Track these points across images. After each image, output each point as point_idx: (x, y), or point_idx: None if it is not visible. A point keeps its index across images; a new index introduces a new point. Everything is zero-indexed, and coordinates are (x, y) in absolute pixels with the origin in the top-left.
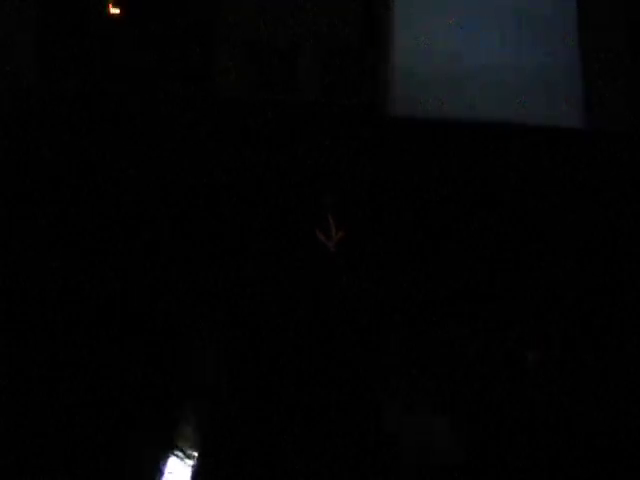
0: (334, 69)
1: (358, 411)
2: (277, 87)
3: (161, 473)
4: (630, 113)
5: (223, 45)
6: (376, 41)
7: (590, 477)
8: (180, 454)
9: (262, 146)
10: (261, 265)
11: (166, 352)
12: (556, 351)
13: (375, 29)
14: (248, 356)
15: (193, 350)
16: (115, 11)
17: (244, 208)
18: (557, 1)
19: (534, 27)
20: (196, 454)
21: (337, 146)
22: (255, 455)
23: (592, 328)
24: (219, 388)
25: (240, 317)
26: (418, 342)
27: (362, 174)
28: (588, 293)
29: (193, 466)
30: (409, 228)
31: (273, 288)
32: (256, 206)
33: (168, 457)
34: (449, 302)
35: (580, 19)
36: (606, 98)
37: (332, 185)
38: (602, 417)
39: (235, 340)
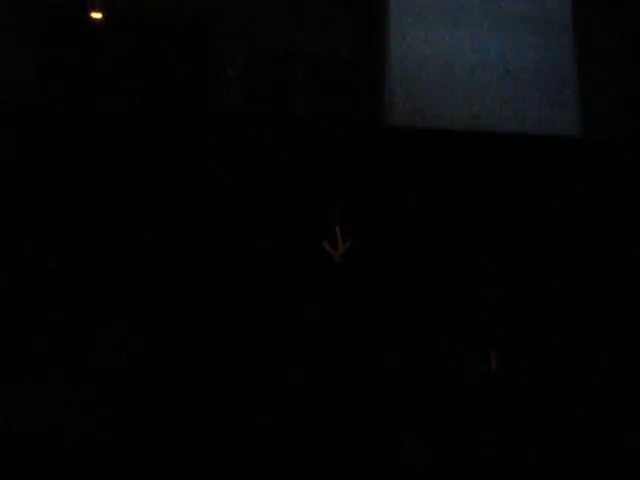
0: (333, 81)
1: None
2: (276, 100)
3: None
4: (625, 120)
5: (221, 58)
6: (374, 52)
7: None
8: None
9: (263, 159)
10: (266, 275)
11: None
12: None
13: (372, 40)
14: (249, 362)
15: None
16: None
17: (246, 221)
18: (553, 9)
19: (532, 35)
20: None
21: (339, 158)
22: (255, 456)
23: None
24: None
25: (244, 324)
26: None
27: (364, 185)
28: (587, 300)
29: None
30: (414, 238)
31: (277, 299)
32: (259, 219)
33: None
34: (452, 317)
35: (575, 24)
36: (601, 104)
37: (337, 197)
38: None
39: (237, 346)
